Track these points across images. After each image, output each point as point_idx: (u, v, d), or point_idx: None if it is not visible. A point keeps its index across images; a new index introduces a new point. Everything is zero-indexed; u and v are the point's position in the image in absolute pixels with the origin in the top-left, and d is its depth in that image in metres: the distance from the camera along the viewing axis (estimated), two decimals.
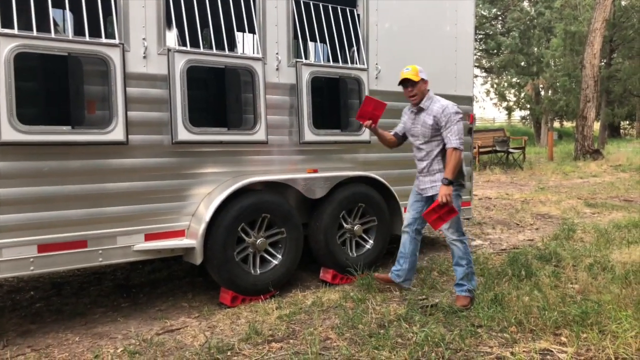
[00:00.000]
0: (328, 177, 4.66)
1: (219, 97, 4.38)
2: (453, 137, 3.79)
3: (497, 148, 15.20)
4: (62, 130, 3.50)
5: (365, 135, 5.00)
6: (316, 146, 4.72)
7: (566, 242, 5.71)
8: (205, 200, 4.09)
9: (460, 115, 3.93)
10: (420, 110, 4.01)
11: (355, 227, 4.88)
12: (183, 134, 3.94)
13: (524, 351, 2.97)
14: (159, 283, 4.80)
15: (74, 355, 3.24)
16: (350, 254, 4.86)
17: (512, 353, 2.96)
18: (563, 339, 3.16)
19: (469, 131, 5.98)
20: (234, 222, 4.11)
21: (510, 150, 15.65)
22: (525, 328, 3.34)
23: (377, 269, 4.82)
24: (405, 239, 4.26)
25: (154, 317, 3.93)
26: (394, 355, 3.03)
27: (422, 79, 3.94)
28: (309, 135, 4.62)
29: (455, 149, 3.77)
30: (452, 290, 4.31)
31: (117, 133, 3.67)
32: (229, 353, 3.21)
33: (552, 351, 2.99)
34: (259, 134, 4.31)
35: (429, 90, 4.01)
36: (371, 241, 5.01)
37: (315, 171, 4.66)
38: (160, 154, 3.92)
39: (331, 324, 3.63)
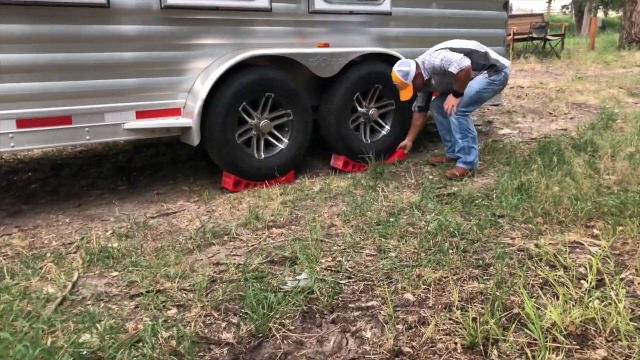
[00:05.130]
0: (341, 52, 4.16)
1: None
2: (452, 67, 3.92)
3: (534, 35, 14.02)
4: None
5: (386, 5, 4.40)
6: (328, 16, 4.17)
7: (604, 132, 5.19)
8: (202, 75, 3.68)
9: (446, 55, 3.98)
10: (429, 81, 4.15)
11: (371, 111, 4.46)
12: None
13: (550, 243, 2.64)
14: (160, 166, 4.55)
15: (61, 237, 3.04)
16: (364, 139, 4.49)
17: (536, 245, 2.63)
18: (596, 231, 2.80)
19: (504, 5, 5.30)
20: (234, 100, 3.72)
21: (548, 37, 14.45)
22: (553, 219, 2.98)
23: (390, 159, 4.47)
24: (438, 118, 4.47)
25: (150, 201, 3.71)
26: (402, 244, 2.74)
27: (413, 78, 4.01)
28: (320, 3, 4.05)
29: (456, 73, 3.93)
30: (473, 180, 3.96)
31: None
32: (225, 238, 2.97)
33: (582, 244, 2.65)
34: (261, 0, 3.78)
35: (418, 73, 4.04)
36: (387, 127, 4.60)
37: (326, 45, 4.15)
38: (148, 21, 3.46)
39: (337, 210, 3.35)
